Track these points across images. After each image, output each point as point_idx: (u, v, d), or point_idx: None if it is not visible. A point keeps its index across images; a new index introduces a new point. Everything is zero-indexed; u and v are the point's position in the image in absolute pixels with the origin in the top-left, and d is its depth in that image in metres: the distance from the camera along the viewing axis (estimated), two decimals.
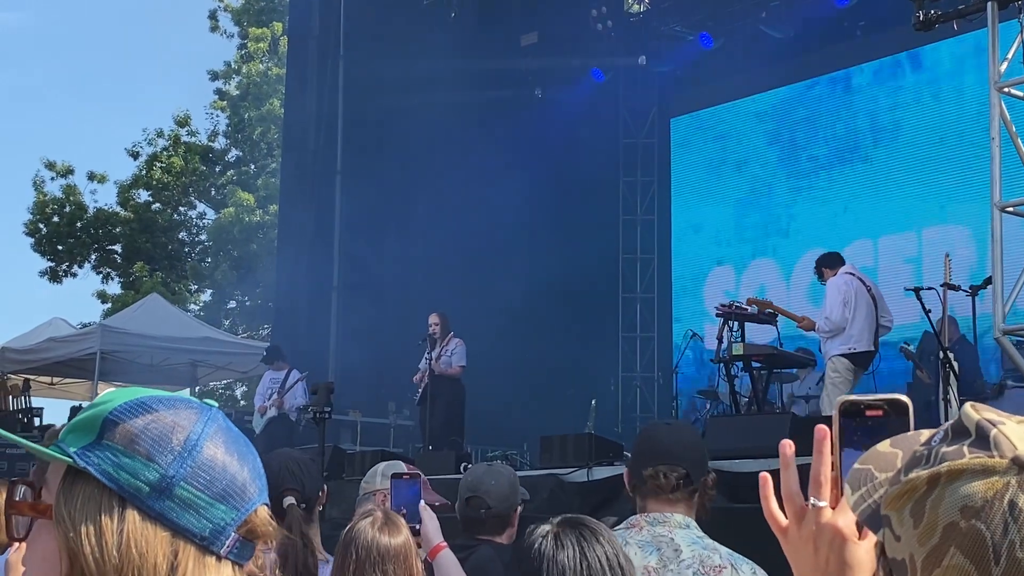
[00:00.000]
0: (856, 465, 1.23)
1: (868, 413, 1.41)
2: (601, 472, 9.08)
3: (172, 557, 1.28)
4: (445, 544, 3.68)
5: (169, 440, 1.32)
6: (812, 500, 1.45)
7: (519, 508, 4.32)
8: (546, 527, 2.46)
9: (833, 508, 1.45)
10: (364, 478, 4.81)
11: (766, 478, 1.50)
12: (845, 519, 1.44)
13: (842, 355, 10.37)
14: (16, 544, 3.18)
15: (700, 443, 3.54)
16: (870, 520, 1.18)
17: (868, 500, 1.18)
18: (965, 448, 1.09)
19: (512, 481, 4.29)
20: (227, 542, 1.30)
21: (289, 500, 3.89)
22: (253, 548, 1.34)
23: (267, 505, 1.36)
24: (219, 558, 1.31)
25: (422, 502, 3.66)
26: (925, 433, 1.19)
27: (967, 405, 1.13)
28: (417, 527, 3.62)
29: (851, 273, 10.72)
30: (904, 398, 1.41)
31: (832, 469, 1.44)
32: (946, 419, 8.97)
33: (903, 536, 1.11)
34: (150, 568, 1.27)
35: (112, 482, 1.30)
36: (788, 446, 1.47)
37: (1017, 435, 1.08)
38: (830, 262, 10.92)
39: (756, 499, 1.51)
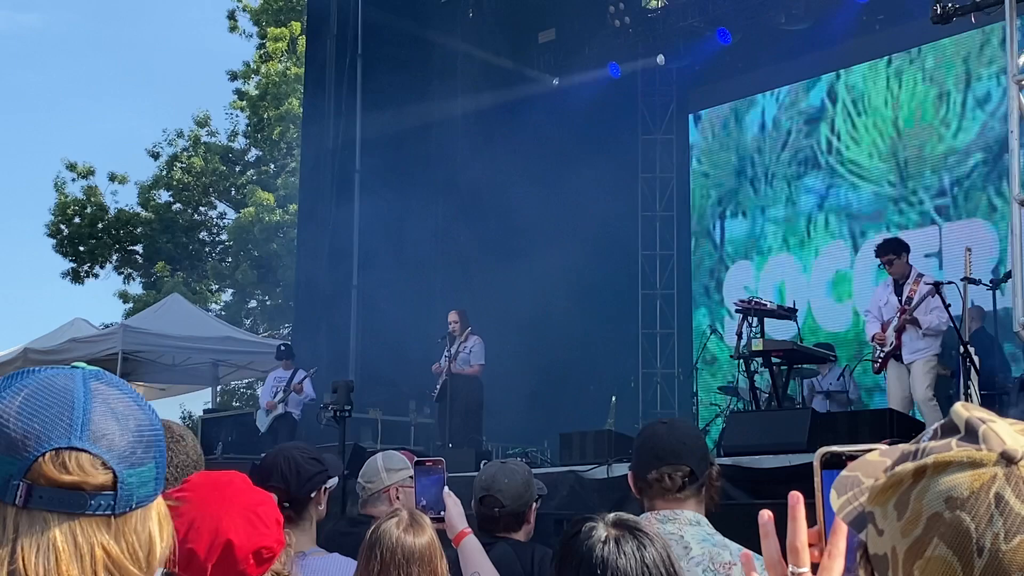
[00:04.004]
0: (844, 472, 1.23)
1: (849, 463, 1.42)
2: (621, 469, 9.07)
3: None
4: (469, 530, 3.68)
5: None
6: (791, 568, 1.44)
7: (535, 504, 4.31)
8: (601, 530, 2.41)
9: (817, 561, 1.44)
10: (363, 476, 4.77)
11: (748, 557, 1.49)
12: None
13: (937, 354, 10.32)
14: None
15: (700, 438, 3.52)
16: (855, 522, 1.17)
17: (854, 503, 1.18)
18: (953, 442, 1.09)
19: (526, 478, 4.28)
20: (17, 492, 1.33)
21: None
22: (75, 495, 1.36)
23: (80, 450, 1.37)
24: (19, 508, 1.34)
25: (446, 488, 3.67)
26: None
27: (957, 404, 1.13)
28: (442, 513, 3.63)
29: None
30: (883, 447, 1.42)
31: (815, 524, 1.43)
32: None
33: (886, 529, 1.10)
34: None
35: None
36: (767, 515, 1.46)
37: (1006, 431, 1.08)
38: (904, 248, 10.59)
39: (776, 494, 1.49)
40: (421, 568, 3.30)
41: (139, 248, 31.19)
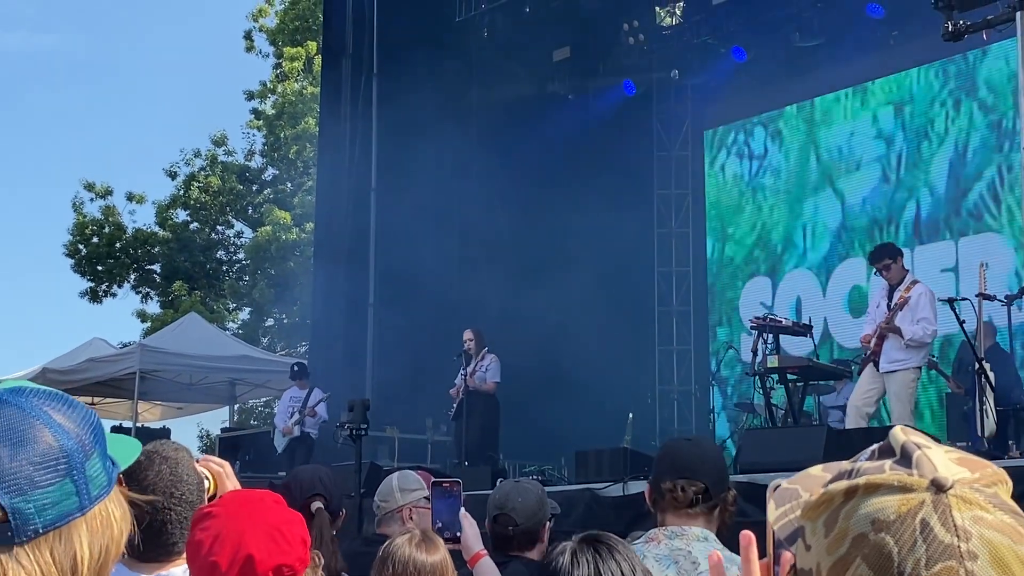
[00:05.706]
0: (785, 484, 1.23)
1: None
2: (636, 486, 9.06)
3: None
4: (485, 552, 3.71)
5: None
6: None
7: (548, 523, 4.34)
8: (566, 544, 2.51)
9: None
10: (378, 495, 4.82)
11: (719, 558, 1.47)
12: None
13: (919, 367, 10.21)
14: None
15: (721, 459, 3.54)
16: (789, 536, 1.17)
17: (790, 516, 1.18)
18: (887, 465, 1.10)
19: (540, 497, 4.31)
20: None
21: (317, 505, 4.09)
22: None
23: None
24: None
25: (462, 509, 3.69)
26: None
27: (896, 427, 1.14)
28: (458, 534, 3.65)
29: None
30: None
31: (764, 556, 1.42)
32: (982, 429, 8.95)
33: (813, 545, 1.11)
34: None
35: None
36: (716, 556, 1.39)
37: (940, 459, 1.09)
38: (898, 252, 10.46)
39: None
40: None
41: (157, 267, 31.30)
